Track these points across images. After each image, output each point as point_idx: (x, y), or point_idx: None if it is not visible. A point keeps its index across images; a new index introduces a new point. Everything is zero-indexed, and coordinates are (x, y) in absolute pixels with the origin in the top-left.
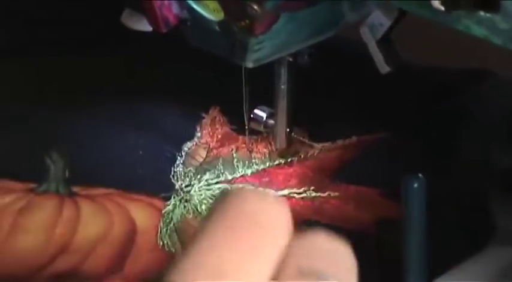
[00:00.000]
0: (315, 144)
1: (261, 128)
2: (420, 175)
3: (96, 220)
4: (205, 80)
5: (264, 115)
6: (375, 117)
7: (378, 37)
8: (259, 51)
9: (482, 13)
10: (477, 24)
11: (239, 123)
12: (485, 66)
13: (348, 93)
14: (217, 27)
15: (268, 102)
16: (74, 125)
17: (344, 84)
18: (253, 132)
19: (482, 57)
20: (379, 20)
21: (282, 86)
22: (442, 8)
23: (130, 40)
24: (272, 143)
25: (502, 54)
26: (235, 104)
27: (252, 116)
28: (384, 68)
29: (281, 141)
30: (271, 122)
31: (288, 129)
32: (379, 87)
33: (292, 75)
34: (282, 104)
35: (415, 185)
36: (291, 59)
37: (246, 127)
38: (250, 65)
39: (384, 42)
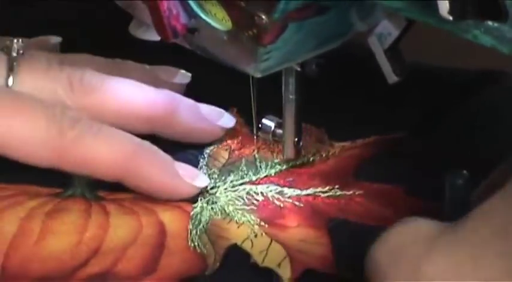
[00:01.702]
0: (336, 144)
1: (269, 138)
2: (464, 172)
3: (125, 223)
4: (221, 82)
5: (272, 125)
6: (392, 118)
7: (386, 46)
8: (267, 60)
9: (490, 22)
10: (485, 34)
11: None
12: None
13: (364, 95)
14: (225, 37)
15: (276, 111)
16: None
17: (359, 87)
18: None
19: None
20: (388, 29)
21: (291, 96)
22: (450, 18)
23: (144, 46)
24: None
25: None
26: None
27: (260, 125)
28: (391, 77)
29: (289, 151)
30: (280, 131)
31: (296, 139)
32: (395, 89)
33: (301, 85)
34: (290, 114)
35: (460, 182)
36: (298, 69)
37: (255, 136)
38: (258, 74)
39: (392, 52)
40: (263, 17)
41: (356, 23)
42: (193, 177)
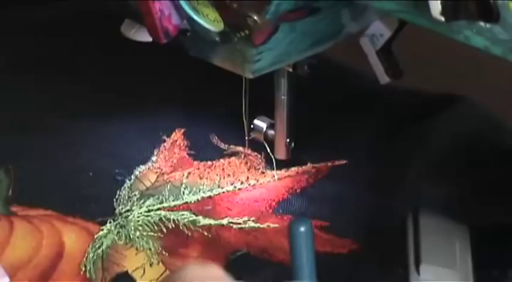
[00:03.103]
0: (268, 172)
1: (261, 139)
2: (308, 219)
3: (25, 243)
4: (173, 102)
5: (264, 126)
6: (332, 143)
7: (378, 47)
8: (259, 61)
9: (482, 24)
10: (477, 35)
11: (199, 148)
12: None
13: (306, 119)
14: (217, 38)
15: (268, 112)
16: (26, 144)
17: (302, 109)
18: (209, 158)
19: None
20: (380, 30)
21: (282, 97)
22: (443, 19)
23: (89, 64)
24: (226, 168)
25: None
26: (201, 127)
27: (252, 126)
28: (383, 78)
29: (280, 152)
30: (271, 132)
31: (288, 140)
32: (340, 114)
33: (292, 85)
34: (282, 115)
35: (302, 229)
36: (290, 70)
37: (246, 138)
38: (250, 75)
39: (384, 53)
40: (255, 17)
41: (348, 24)
42: None
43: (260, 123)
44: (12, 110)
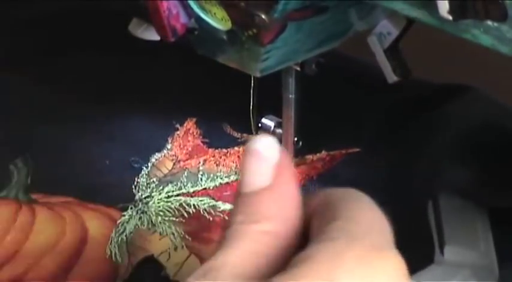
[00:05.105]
0: None
1: None
2: None
3: (49, 229)
4: (184, 92)
5: (271, 124)
6: (345, 131)
7: (385, 46)
8: (267, 60)
9: (489, 22)
10: (484, 34)
11: (212, 136)
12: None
13: (318, 108)
14: (225, 37)
15: (275, 111)
16: (43, 133)
17: (315, 98)
18: (224, 145)
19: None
20: (387, 29)
21: (290, 96)
22: (450, 17)
23: (107, 49)
24: (241, 156)
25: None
26: (212, 117)
27: (259, 125)
28: (391, 77)
29: (288, 151)
30: (279, 131)
31: (295, 139)
32: (352, 101)
33: (300, 84)
34: (290, 114)
35: None
36: (298, 68)
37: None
38: (257, 74)
39: (392, 52)
40: (263, 16)
41: (356, 22)
42: None
43: (268, 121)
44: (29, 99)
